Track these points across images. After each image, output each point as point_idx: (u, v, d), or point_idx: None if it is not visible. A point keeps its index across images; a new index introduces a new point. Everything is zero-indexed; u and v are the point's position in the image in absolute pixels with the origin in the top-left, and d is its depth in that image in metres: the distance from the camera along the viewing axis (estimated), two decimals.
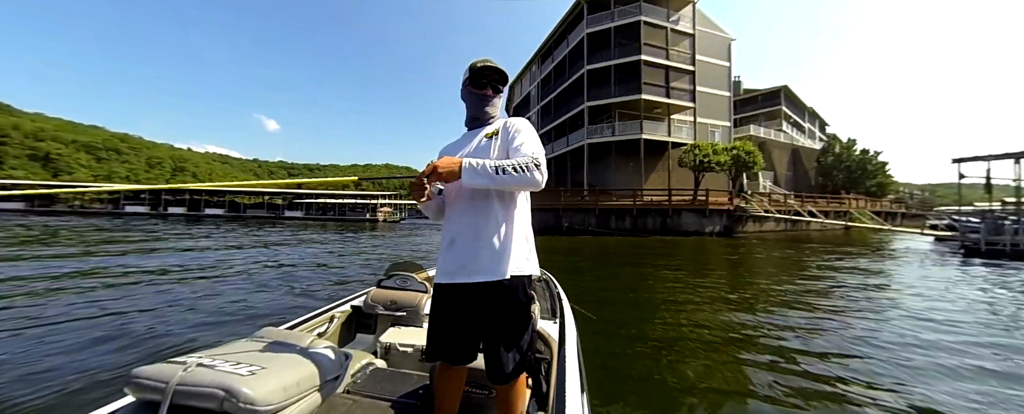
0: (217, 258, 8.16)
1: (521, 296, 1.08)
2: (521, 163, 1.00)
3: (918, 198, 43.66)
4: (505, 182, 1.00)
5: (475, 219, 1.08)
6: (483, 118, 1.21)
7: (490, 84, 1.18)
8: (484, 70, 1.16)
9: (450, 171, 0.98)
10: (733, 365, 2.77)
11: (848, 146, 31.00)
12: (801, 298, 4.96)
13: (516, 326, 1.07)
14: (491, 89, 1.19)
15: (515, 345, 1.06)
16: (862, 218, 19.24)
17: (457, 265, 1.07)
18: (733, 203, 17.09)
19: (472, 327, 1.09)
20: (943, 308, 4.42)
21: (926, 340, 3.30)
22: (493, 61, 1.17)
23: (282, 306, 4.34)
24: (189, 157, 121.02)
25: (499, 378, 1.06)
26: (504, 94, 1.24)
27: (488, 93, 1.19)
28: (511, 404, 1.11)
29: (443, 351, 1.10)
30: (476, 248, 1.06)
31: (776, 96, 34.39)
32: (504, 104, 1.31)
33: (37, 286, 4.84)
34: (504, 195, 1.11)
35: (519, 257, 1.09)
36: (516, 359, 1.06)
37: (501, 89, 1.21)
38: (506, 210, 1.11)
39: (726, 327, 3.69)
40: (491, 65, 1.16)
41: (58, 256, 7.71)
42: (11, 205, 39.09)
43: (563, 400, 1.19)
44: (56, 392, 2.19)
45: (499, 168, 0.99)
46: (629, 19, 21.22)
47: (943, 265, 8.22)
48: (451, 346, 1.10)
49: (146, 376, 0.92)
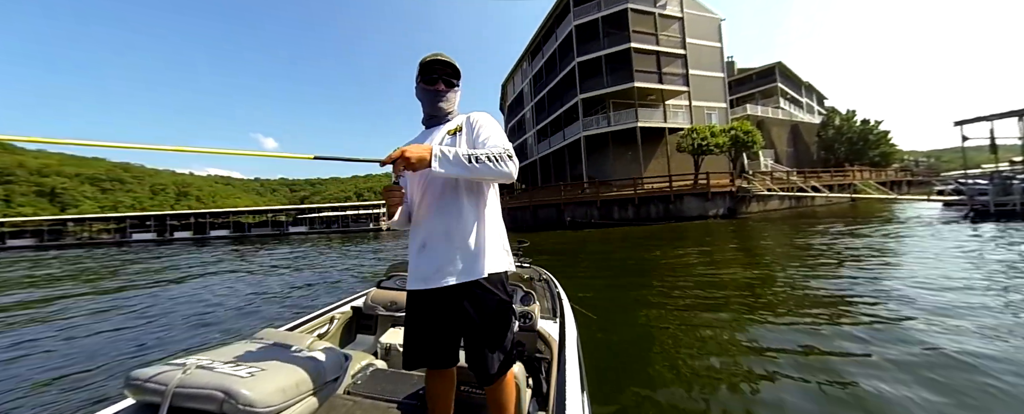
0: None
1: (500, 294, 1.06)
2: (494, 153, 0.98)
3: (924, 165, 43.04)
4: (479, 172, 0.97)
5: (445, 220, 1.05)
6: (439, 115, 1.17)
7: (441, 78, 1.13)
8: (433, 64, 1.12)
9: (420, 157, 0.93)
10: (740, 357, 2.67)
11: (848, 118, 30.62)
12: (808, 279, 4.85)
13: (498, 325, 1.05)
14: (443, 83, 1.14)
15: (499, 345, 1.04)
16: (867, 190, 19.03)
17: (431, 269, 1.03)
18: (735, 184, 16.95)
19: (451, 331, 1.07)
20: (959, 277, 4.32)
21: (942, 318, 3.16)
22: (444, 55, 1.13)
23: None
24: (192, 181, 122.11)
25: (485, 379, 1.04)
26: (459, 89, 1.18)
27: (440, 88, 1.14)
28: (501, 404, 1.09)
29: (423, 357, 1.07)
30: (450, 250, 1.03)
31: (771, 73, 34.03)
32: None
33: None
34: (474, 192, 1.08)
35: (494, 254, 1.07)
36: (500, 359, 1.04)
37: (455, 83, 1.16)
38: (477, 207, 1.08)
39: (732, 318, 3.57)
40: (440, 59, 1.12)
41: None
42: (22, 242, 39.72)
43: (563, 400, 1.19)
44: None
45: (472, 157, 0.96)
46: (616, 7, 21.08)
47: (951, 231, 8.09)
48: (431, 352, 1.07)
49: (145, 378, 0.92)
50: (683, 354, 2.83)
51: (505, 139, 1.07)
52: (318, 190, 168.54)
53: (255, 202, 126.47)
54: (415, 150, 0.94)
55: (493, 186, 1.14)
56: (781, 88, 33.73)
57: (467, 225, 1.05)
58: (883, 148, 30.10)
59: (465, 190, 1.07)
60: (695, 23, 22.90)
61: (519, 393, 1.22)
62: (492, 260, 1.05)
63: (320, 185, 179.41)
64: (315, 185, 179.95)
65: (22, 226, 43.51)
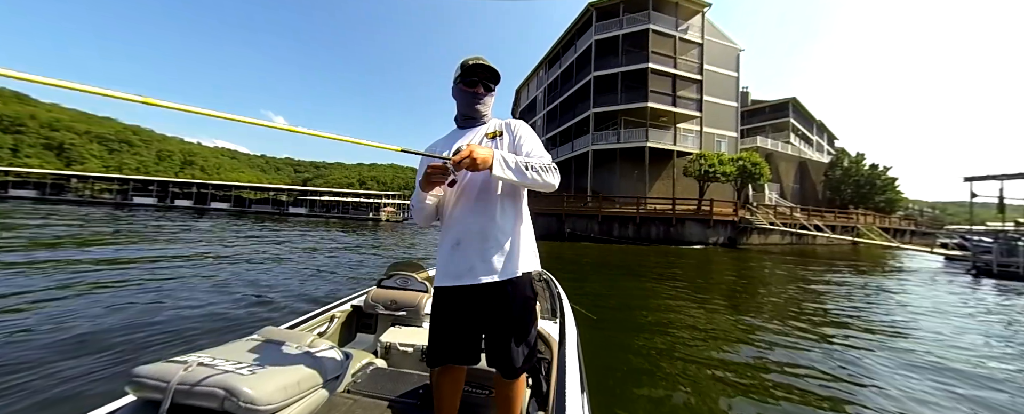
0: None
1: (529, 291, 1.11)
2: (543, 164, 1.05)
3: (928, 215, 42.91)
4: (531, 180, 1.03)
5: (481, 220, 1.08)
6: (475, 116, 1.20)
7: (481, 82, 1.17)
8: (475, 68, 1.15)
9: (484, 159, 0.96)
10: (732, 368, 2.77)
11: (857, 160, 30.61)
12: (804, 310, 4.85)
13: (525, 320, 1.09)
14: (482, 87, 1.17)
15: (524, 339, 1.09)
16: (870, 234, 18.93)
17: (464, 267, 1.06)
18: (738, 214, 16.90)
19: (478, 327, 1.10)
20: (961, 337, 4.27)
21: (938, 366, 3.17)
22: (485, 59, 1.16)
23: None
24: (198, 151, 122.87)
25: (510, 372, 1.07)
26: (495, 93, 1.22)
27: (479, 91, 1.17)
28: (513, 401, 1.12)
29: (450, 354, 1.09)
30: (484, 249, 1.07)
31: (784, 108, 34.16)
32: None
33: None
34: (512, 195, 1.13)
35: (526, 255, 1.12)
36: (525, 352, 1.08)
37: (492, 87, 1.20)
38: (514, 210, 1.13)
39: (727, 335, 3.65)
40: (482, 63, 1.15)
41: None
42: (24, 192, 39.86)
43: (563, 400, 1.20)
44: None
45: (527, 165, 1.02)
46: (638, 27, 21.27)
47: (954, 286, 8.00)
48: (458, 348, 1.10)
49: (147, 375, 0.92)
50: (682, 355, 2.91)
51: (544, 150, 1.14)
52: (322, 173, 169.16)
53: (258, 178, 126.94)
54: (481, 152, 0.96)
55: (524, 190, 1.18)
56: (793, 123, 33.83)
57: (502, 225, 1.09)
58: (889, 194, 30.02)
59: (502, 192, 1.11)
60: (714, 50, 23.06)
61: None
62: (524, 260, 1.11)
63: (325, 168, 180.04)
64: (320, 167, 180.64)
65: (26, 177, 43.69)
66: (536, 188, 1.07)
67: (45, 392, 2.05)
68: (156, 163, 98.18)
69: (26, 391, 2.04)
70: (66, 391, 2.08)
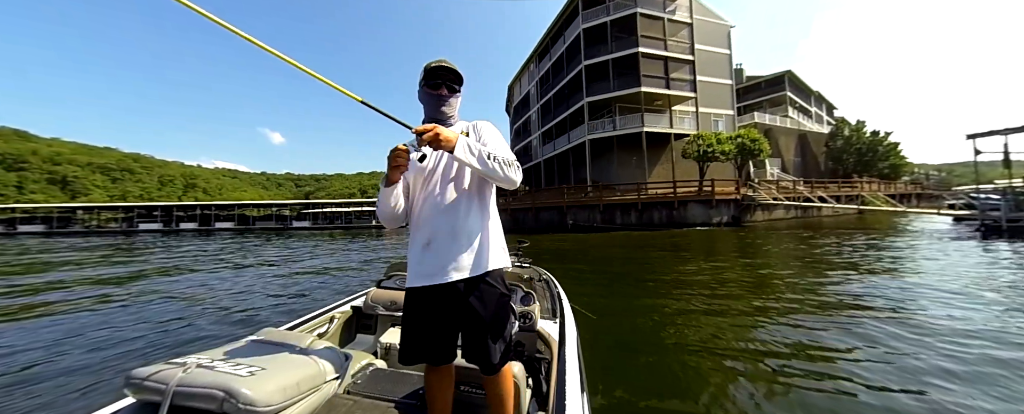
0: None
1: (501, 288, 1.12)
2: (506, 159, 1.07)
3: (935, 179, 42.35)
4: (491, 171, 1.04)
5: (451, 219, 1.09)
6: (441, 119, 1.20)
7: (445, 84, 1.18)
8: (437, 70, 1.16)
9: (448, 138, 0.98)
10: (738, 361, 2.69)
11: (857, 128, 30.26)
12: (811, 287, 4.81)
13: (500, 317, 1.10)
14: (446, 89, 1.18)
15: (500, 335, 1.09)
16: (875, 201, 18.75)
17: (436, 266, 1.07)
18: (740, 192, 16.78)
19: (451, 326, 1.10)
20: (971, 294, 4.22)
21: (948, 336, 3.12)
22: (447, 61, 1.18)
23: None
24: (199, 173, 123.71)
25: (489, 369, 1.08)
26: (460, 94, 1.22)
27: (443, 93, 1.18)
28: (502, 398, 1.12)
29: (422, 353, 1.10)
30: (455, 247, 1.07)
31: (780, 82, 33.77)
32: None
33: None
34: (477, 193, 1.15)
35: (496, 252, 1.14)
36: (502, 349, 1.09)
37: (457, 89, 1.21)
38: (482, 207, 1.15)
39: (731, 323, 3.58)
40: (445, 65, 1.17)
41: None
42: (32, 228, 40.41)
43: (563, 400, 1.19)
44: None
45: (490, 155, 1.04)
46: (625, 12, 21.04)
47: (963, 246, 7.91)
48: (430, 348, 1.10)
49: (146, 377, 0.92)
50: (682, 356, 2.82)
51: (509, 150, 1.16)
52: (323, 186, 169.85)
53: (260, 195, 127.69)
54: (446, 131, 0.99)
55: (492, 188, 1.21)
56: (790, 97, 33.46)
57: (471, 224, 1.11)
58: (893, 160, 29.68)
59: (469, 190, 1.14)
60: (704, 29, 22.79)
61: (519, 393, 1.23)
62: (495, 257, 1.12)
63: (325, 180, 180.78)
64: (320, 180, 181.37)
65: (33, 212, 44.28)
66: (497, 182, 1.09)
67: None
68: (159, 188, 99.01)
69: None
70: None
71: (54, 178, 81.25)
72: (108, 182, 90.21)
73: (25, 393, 2.44)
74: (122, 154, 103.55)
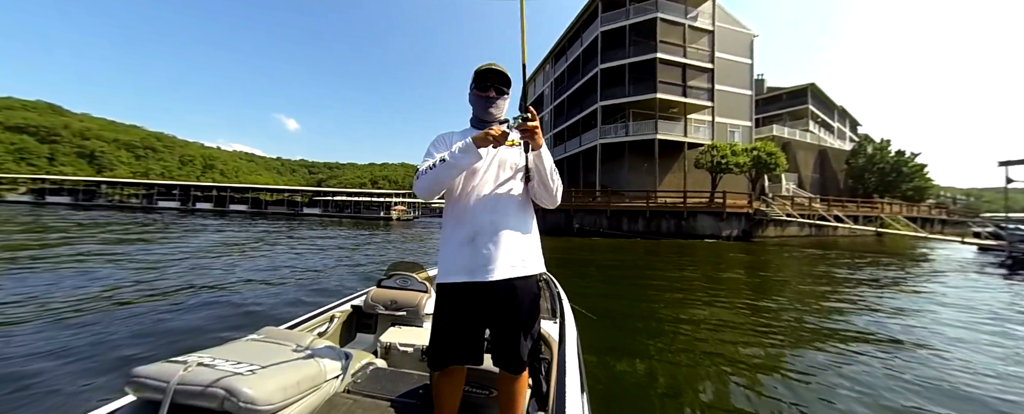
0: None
1: (536, 289, 1.17)
2: (558, 180, 1.18)
3: (962, 203, 40.59)
4: (550, 182, 1.15)
5: (496, 218, 1.12)
6: (489, 120, 1.24)
7: (493, 87, 1.22)
8: (486, 73, 1.22)
9: (537, 131, 1.04)
10: (736, 367, 2.70)
11: (881, 147, 29.12)
12: (817, 303, 4.67)
13: (533, 316, 1.15)
14: (494, 91, 1.23)
15: (530, 333, 1.14)
16: (896, 224, 18.05)
17: (480, 262, 1.08)
18: (752, 206, 16.37)
19: (483, 325, 1.13)
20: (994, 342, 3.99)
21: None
22: (497, 65, 1.23)
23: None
24: (218, 155, 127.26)
25: (516, 366, 1.11)
26: (508, 97, 1.26)
27: (491, 95, 1.22)
28: (517, 397, 1.15)
29: (456, 354, 1.09)
30: (498, 246, 1.09)
31: (802, 94, 32.78)
32: (516, 103, 1.31)
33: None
34: (524, 196, 1.21)
35: (534, 254, 1.18)
36: (529, 347, 1.14)
37: (505, 91, 1.24)
38: (527, 210, 1.21)
39: (732, 331, 3.55)
40: (494, 69, 1.22)
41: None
42: (59, 199, 42.22)
43: (563, 400, 1.20)
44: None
45: (554, 170, 1.15)
46: (645, 16, 20.71)
47: (987, 281, 7.53)
48: (464, 348, 1.10)
49: (147, 375, 0.92)
50: (681, 358, 2.85)
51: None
52: (335, 173, 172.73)
53: (274, 180, 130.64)
54: (539, 132, 1.06)
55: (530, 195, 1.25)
56: (812, 111, 32.46)
57: (517, 224, 1.15)
58: (918, 182, 28.48)
59: (517, 192, 1.19)
60: (726, 37, 22.26)
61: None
62: (533, 258, 1.17)
63: (338, 169, 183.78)
64: (333, 168, 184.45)
65: (61, 184, 46.24)
66: (549, 194, 1.18)
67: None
68: (179, 168, 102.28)
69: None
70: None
71: (83, 152, 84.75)
72: (132, 159, 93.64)
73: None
74: (146, 132, 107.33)
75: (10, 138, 76.81)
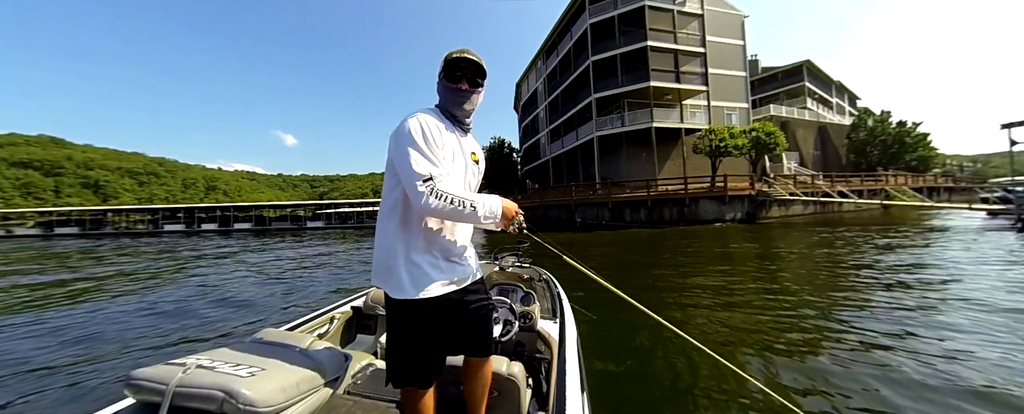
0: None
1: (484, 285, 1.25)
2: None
3: (969, 171, 40.02)
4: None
5: (469, 232, 1.18)
6: (460, 116, 1.10)
7: (465, 77, 1.06)
8: (458, 61, 1.05)
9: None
10: (741, 363, 2.62)
11: (882, 119, 28.80)
12: (823, 286, 4.61)
13: (492, 302, 1.21)
14: (467, 83, 1.06)
15: (491, 318, 1.19)
16: (901, 196, 17.84)
17: (468, 272, 1.12)
18: (754, 188, 16.25)
19: (454, 333, 1.14)
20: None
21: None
22: (470, 52, 1.06)
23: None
24: (220, 175, 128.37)
25: (488, 349, 1.16)
26: (483, 91, 1.11)
27: (463, 87, 1.06)
28: (488, 377, 1.19)
29: (437, 368, 1.08)
30: (471, 256, 1.16)
31: (798, 72, 32.47)
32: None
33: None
34: None
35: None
36: (497, 331, 1.22)
37: (479, 83, 1.08)
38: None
39: (736, 322, 3.49)
40: (467, 56, 1.05)
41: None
42: (67, 230, 42.76)
43: (563, 400, 1.19)
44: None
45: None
46: (633, 5, 20.60)
47: (997, 241, 7.42)
48: (439, 362, 1.08)
49: (146, 378, 0.92)
50: (684, 356, 2.77)
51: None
52: (337, 186, 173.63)
53: (277, 197, 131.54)
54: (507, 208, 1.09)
55: None
56: (809, 88, 32.15)
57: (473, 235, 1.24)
58: (921, 152, 28.13)
59: None
60: (716, 20, 22.10)
61: (519, 393, 1.24)
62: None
63: (338, 181, 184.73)
64: (334, 181, 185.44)
65: (68, 215, 46.84)
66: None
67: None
68: (182, 191, 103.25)
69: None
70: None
71: (87, 182, 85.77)
72: (136, 185, 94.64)
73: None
74: (148, 158, 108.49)
75: (16, 174, 77.95)
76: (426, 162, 0.96)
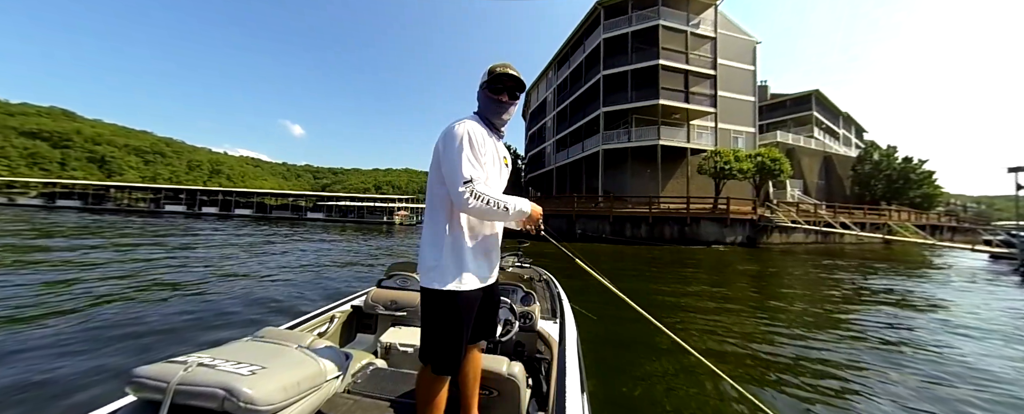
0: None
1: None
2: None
3: (973, 211, 39.87)
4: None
5: (501, 229, 1.29)
6: (497, 124, 1.25)
7: (506, 90, 1.20)
8: (502, 76, 1.18)
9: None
10: (736, 367, 2.70)
11: (888, 153, 28.84)
12: (820, 309, 4.56)
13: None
14: (507, 95, 1.20)
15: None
16: (904, 231, 17.76)
17: (495, 268, 1.23)
18: (757, 212, 16.21)
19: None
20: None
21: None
22: (512, 68, 1.20)
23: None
24: (225, 160, 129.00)
25: (492, 335, 1.28)
26: (520, 101, 1.27)
27: (503, 99, 1.20)
28: (477, 359, 1.26)
29: (462, 354, 1.17)
30: (497, 254, 1.27)
31: (807, 100, 32.70)
32: (520, 109, 1.32)
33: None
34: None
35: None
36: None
37: (518, 95, 1.23)
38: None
39: (733, 333, 3.50)
40: (509, 72, 1.18)
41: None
42: (69, 203, 42.89)
43: (563, 400, 1.20)
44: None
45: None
46: (647, 23, 20.88)
47: (997, 290, 7.34)
48: (469, 343, 1.19)
49: (147, 376, 0.92)
50: (682, 359, 2.80)
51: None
52: (340, 179, 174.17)
53: (279, 185, 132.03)
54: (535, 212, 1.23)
55: None
56: (816, 117, 32.35)
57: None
58: (926, 189, 28.09)
59: None
60: (728, 44, 22.35)
61: (519, 393, 1.24)
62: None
63: (342, 174, 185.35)
64: (338, 174, 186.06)
65: (71, 188, 47.02)
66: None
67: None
68: (187, 173, 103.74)
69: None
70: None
71: (94, 157, 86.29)
72: (141, 163, 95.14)
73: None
74: (156, 138, 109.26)
75: (24, 143, 78.55)
76: (470, 166, 1.09)
